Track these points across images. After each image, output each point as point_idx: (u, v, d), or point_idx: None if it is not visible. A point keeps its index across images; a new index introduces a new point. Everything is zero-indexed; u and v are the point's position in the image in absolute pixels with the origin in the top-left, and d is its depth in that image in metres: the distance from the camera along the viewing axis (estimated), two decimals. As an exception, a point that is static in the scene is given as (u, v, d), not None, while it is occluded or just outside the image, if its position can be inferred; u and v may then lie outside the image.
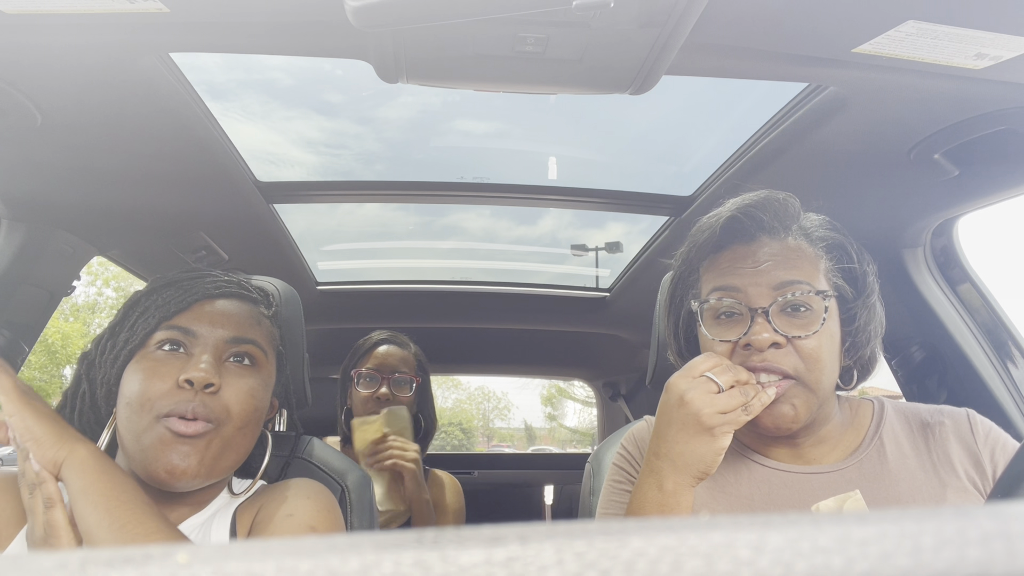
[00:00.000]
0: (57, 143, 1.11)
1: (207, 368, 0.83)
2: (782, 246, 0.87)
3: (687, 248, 0.94)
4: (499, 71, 0.87)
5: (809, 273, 0.85)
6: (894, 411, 0.93)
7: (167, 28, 0.82)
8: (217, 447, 0.83)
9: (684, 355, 0.99)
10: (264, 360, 0.92)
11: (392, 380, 1.70)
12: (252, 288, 0.98)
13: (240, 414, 0.85)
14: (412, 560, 0.17)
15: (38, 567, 0.16)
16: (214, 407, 0.83)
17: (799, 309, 0.83)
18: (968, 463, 0.85)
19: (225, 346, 0.87)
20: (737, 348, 0.84)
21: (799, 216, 0.90)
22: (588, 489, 1.17)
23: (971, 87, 0.92)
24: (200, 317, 0.88)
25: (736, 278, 0.86)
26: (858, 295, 0.88)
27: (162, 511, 0.85)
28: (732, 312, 0.86)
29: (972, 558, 0.17)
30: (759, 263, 0.85)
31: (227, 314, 0.90)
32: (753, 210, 0.87)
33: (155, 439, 0.80)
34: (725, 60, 0.89)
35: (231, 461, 0.86)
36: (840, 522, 0.18)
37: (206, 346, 0.86)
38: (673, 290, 0.99)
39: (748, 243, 0.88)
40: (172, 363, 0.84)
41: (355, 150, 1.96)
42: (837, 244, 0.90)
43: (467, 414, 31.02)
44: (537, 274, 2.49)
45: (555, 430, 28.32)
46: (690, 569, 0.17)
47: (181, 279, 0.93)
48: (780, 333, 0.82)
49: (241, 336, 0.89)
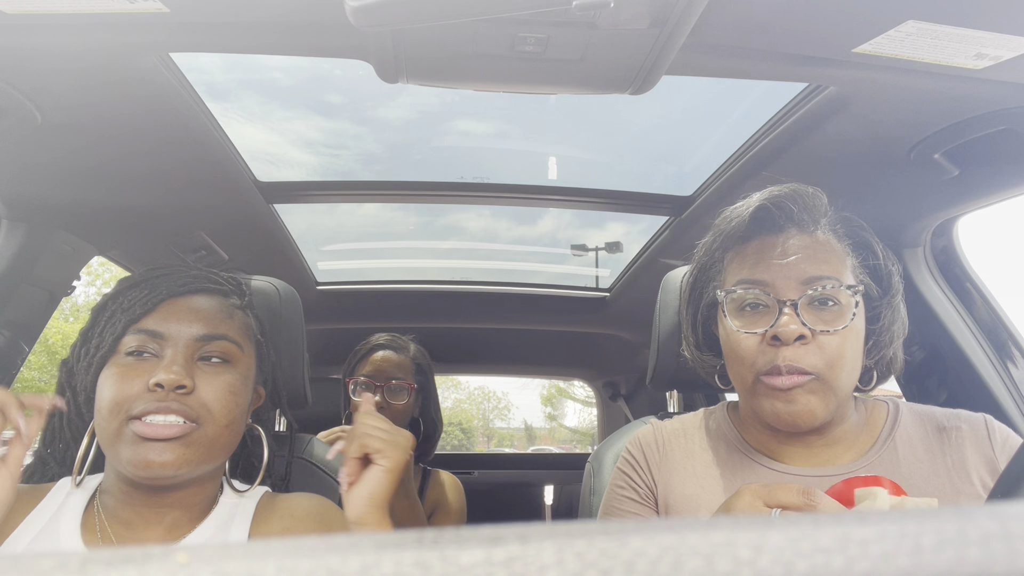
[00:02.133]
0: (57, 143, 1.11)
1: (178, 370, 0.81)
2: (811, 239, 0.85)
3: (712, 238, 0.93)
4: (499, 71, 0.87)
5: (837, 268, 0.83)
6: (909, 413, 0.91)
7: (167, 28, 0.82)
8: (201, 445, 0.82)
9: (702, 348, 0.98)
10: (239, 354, 0.89)
11: (387, 388, 1.69)
12: (221, 280, 0.95)
13: (222, 412, 0.84)
14: (412, 560, 0.17)
15: (38, 567, 0.16)
16: (192, 405, 0.81)
17: (827, 303, 0.82)
18: (984, 470, 0.83)
19: (196, 345, 0.85)
20: (763, 341, 0.83)
21: (827, 211, 0.89)
22: (588, 489, 1.17)
23: (971, 87, 0.92)
24: (167, 317, 0.86)
25: (764, 270, 0.84)
26: (883, 294, 0.87)
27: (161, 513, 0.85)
28: (758, 303, 0.85)
29: (972, 558, 0.17)
30: (787, 255, 0.83)
31: (195, 311, 0.87)
32: (783, 200, 0.86)
33: (128, 441, 0.79)
34: (725, 60, 0.89)
35: (219, 455, 0.86)
36: (840, 522, 0.18)
37: (176, 347, 0.84)
38: (693, 282, 0.97)
39: (776, 234, 0.86)
40: (142, 367, 0.82)
41: (355, 150, 1.96)
42: (864, 242, 0.89)
43: (467, 414, 31.02)
44: (537, 274, 2.49)
45: (555, 430, 28.31)
46: (690, 569, 0.17)
47: (147, 278, 0.90)
48: (807, 327, 0.80)
49: (211, 333, 0.87)
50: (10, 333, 1.41)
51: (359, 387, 1.72)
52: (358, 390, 1.72)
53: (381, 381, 1.70)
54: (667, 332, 1.20)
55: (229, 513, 0.89)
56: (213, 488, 0.91)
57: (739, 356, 0.85)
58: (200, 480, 0.87)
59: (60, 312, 12.88)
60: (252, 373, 0.93)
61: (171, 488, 0.84)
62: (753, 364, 0.83)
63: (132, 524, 0.84)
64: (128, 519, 0.84)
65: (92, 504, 0.86)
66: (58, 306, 1.55)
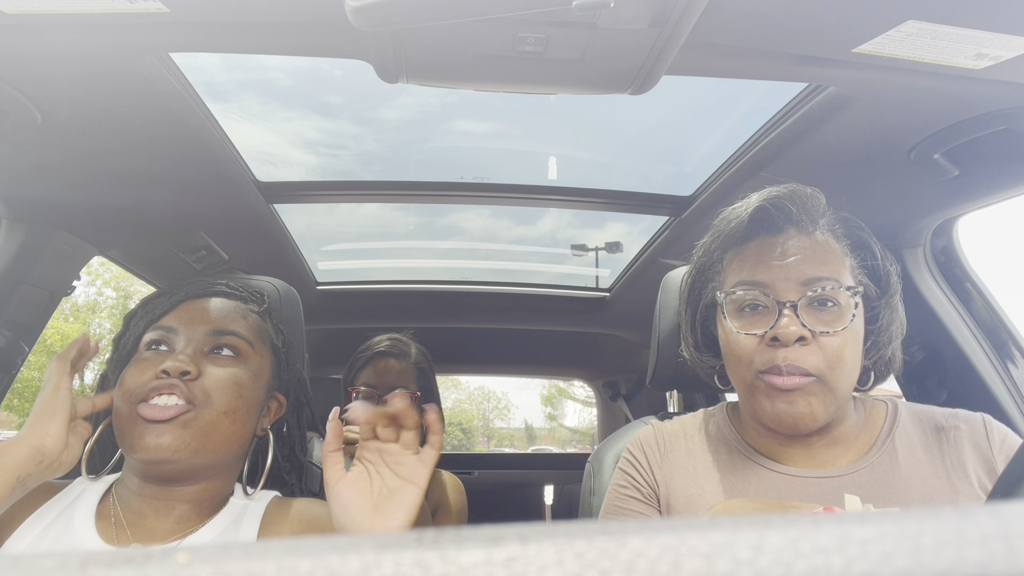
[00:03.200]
0: (57, 143, 1.11)
1: (184, 359, 0.85)
2: (810, 240, 0.85)
3: (711, 239, 0.93)
4: (499, 71, 0.87)
5: (836, 269, 0.83)
6: (908, 413, 0.91)
7: (167, 28, 0.82)
8: (197, 429, 0.84)
9: (701, 349, 0.98)
10: (250, 351, 0.93)
11: None
12: (241, 288, 1.00)
13: (223, 399, 0.86)
14: (412, 560, 0.17)
15: (38, 567, 0.16)
16: (192, 389, 0.84)
17: (827, 304, 0.82)
18: (981, 469, 0.83)
19: (206, 339, 0.90)
20: (762, 342, 0.83)
21: (826, 212, 0.89)
22: (588, 489, 1.17)
23: (971, 87, 0.92)
24: (183, 316, 0.92)
25: (763, 272, 0.84)
26: (882, 294, 0.87)
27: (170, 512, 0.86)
28: (757, 304, 0.85)
29: (972, 558, 0.17)
30: (786, 256, 0.84)
31: (209, 310, 0.93)
32: (782, 201, 0.86)
33: (131, 423, 0.83)
34: (725, 60, 0.89)
35: (220, 445, 0.87)
36: (840, 522, 0.18)
37: (188, 341, 0.89)
38: (692, 282, 0.97)
39: (775, 235, 0.86)
40: (155, 359, 0.87)
41: (354, 151, 1.96)
42: (862, 242, 0.89)
43: (467, 414, 31.02)
44: (537, 274, 2.49)
45: (555, 430, 28.31)
46: (690, 569, 0.17)
47: (172, 287, 0.97)
48: (807, 328, 0.80)
49: (221, 328, 0.92)
50: (10, 333, 1.41)
51: (361, 397, 1.70)
52: (360, 399, 1.70)
53: (383, 391, 1.66)
54: (667, 332, 1.20)
55: (238, 513, 0.91)
56: (224, 488, 0.92)
57: (738, 356, 0.85)
58: (209, 475, 0.88)
59: (60, 312, 12.88)
60: (265, 374, 0.95)
61: (178, 481, 0.86)
62: (752, 363, 0.83)
63: (143, 513, 0.87)
64: (139, 508, 0.87)
65: (108, 495, 0.90)
66: (58, 306, 1.55)
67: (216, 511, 0.90)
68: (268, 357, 0.96)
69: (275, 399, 0.99)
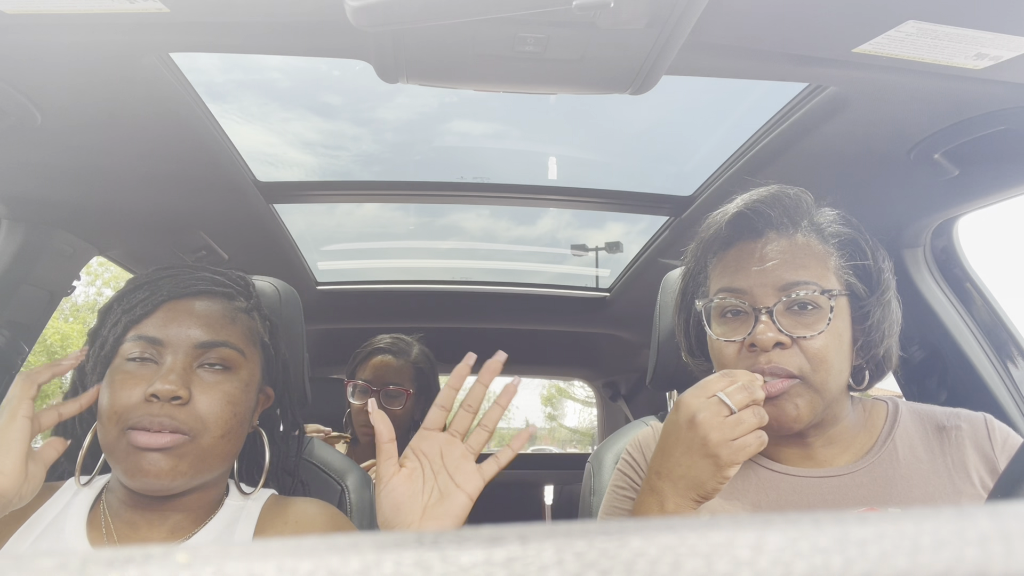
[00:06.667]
0: (57, 143, 1.11)
1: (175, 380, 0.80)
2: (790, 243, 0.85)
3: (696, 245, 0.93)
4: (499, 71, 0.87)
5: (817, 272, 0.83)
6: (909, 413, 0.91)
7: (167, 28, 0.82)
8: (195, 457, 0.81)
9: (695, 354, 0.98)
10: (242, 361, 0.88)
11: (384, 392, 1.69)
12: (225, 281, 0.93)
13: (218, 423, 0.82)
14: (412, 560, 0.17)
15: (38, 567, 0.17)
16: (185, 418, 0.80)
17: (805, 308, 0.82)
18: (983, 469, 0.83)
19: (195, 352, 0.84)
20: (743, 348, 0.83)
21: (811, 211, 0.88)
22: (588, 489, 1.17)
23: (971, 87, 0.91)
24: (167, 321, 0.84)
25: (742, 278, 0.85)
26: (872, 292, 0.87)
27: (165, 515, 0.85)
28: (738, 311, 0.85)
29: (971, 558, 0.17)
30: (765, 261, 0.84)
31: (196, 315, 0.86)
32: (760, 206, 0.86)
33: (123, 450, 0.79)
34: (725, 60, 0.89)
35: (217, 465, 0.85)
36: (840, 522, 0.18)
37: (176, 354, 0.83)
38: (684, 288, 0.97)
39: (755, 240, 0.86)
40: (141, 375, 0.81)
41: (354, 151, 1.96)
42: (850, 240, 0.88)
43: (467, 414, 30.91)
44: (537, 274, 2.49)
45: (555, 430, 28.28)
46: (690, 569, 0.17)
47: (151, 279, 0.90)
48: (785, 333, 0.80)
49: (212, 340, 0.85)
50: (10, 333, 1.41)
51: (357, 391, 1.72)
52: (356, 393, 1.73)
53: (378, 386, 1.70)
54: (667, 332, 1.19)
55: (234, 515, 0.89)
56: (218, 491, 0.91)
57: (722, 363, 0.86)
58: (203, 485, 0.87)
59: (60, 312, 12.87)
60: (256, 378, 0.92)
61: (172, 496, 0.84)
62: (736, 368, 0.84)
63: (135, 524, 0.85)
64: (131, 520, 0.85)
65: (98, 503, 0.87)
66: (58, 306, 1.55)
67: (211, 514, 0.88)
68: (258, 359, 0.93)
69: (263, 392, 0.95)
